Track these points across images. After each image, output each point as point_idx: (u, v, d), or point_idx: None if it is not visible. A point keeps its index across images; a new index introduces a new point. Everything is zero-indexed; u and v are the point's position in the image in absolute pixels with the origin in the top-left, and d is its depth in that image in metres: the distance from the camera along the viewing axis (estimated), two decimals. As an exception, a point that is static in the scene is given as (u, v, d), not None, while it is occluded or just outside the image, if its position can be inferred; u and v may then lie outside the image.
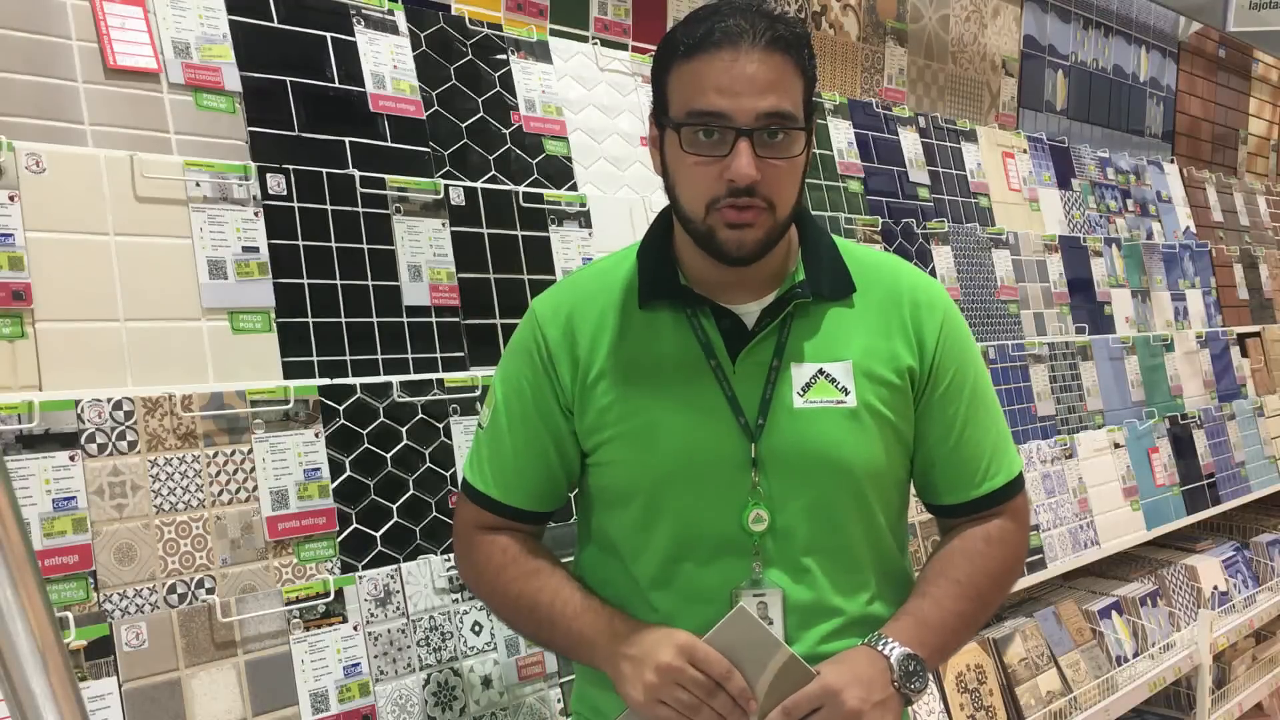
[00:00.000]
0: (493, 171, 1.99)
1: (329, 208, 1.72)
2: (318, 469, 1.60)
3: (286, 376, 1.63)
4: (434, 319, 1.82)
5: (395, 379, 1.71)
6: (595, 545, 1.42)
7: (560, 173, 2.10)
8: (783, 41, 1.22)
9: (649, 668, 1.22)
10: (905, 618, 1.33)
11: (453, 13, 2.05)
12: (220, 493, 1.51)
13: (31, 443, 1.36)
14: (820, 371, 1.31)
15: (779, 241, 1.30)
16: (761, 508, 1.29)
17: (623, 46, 2.42)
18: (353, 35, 1.86)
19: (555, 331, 1.36)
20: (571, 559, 1.49)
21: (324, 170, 1.73)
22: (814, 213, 2.02)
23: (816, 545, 1.31)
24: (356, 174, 1.76)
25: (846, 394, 1.31)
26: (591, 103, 2.19)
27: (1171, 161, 4.19)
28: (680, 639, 1.23)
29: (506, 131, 2.03)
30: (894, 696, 1.25)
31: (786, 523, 1.30)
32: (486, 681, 1.69)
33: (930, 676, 1.29)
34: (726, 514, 1.30)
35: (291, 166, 1.69)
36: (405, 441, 1.71)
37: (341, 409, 1.64)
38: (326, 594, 1.56)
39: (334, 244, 1.72)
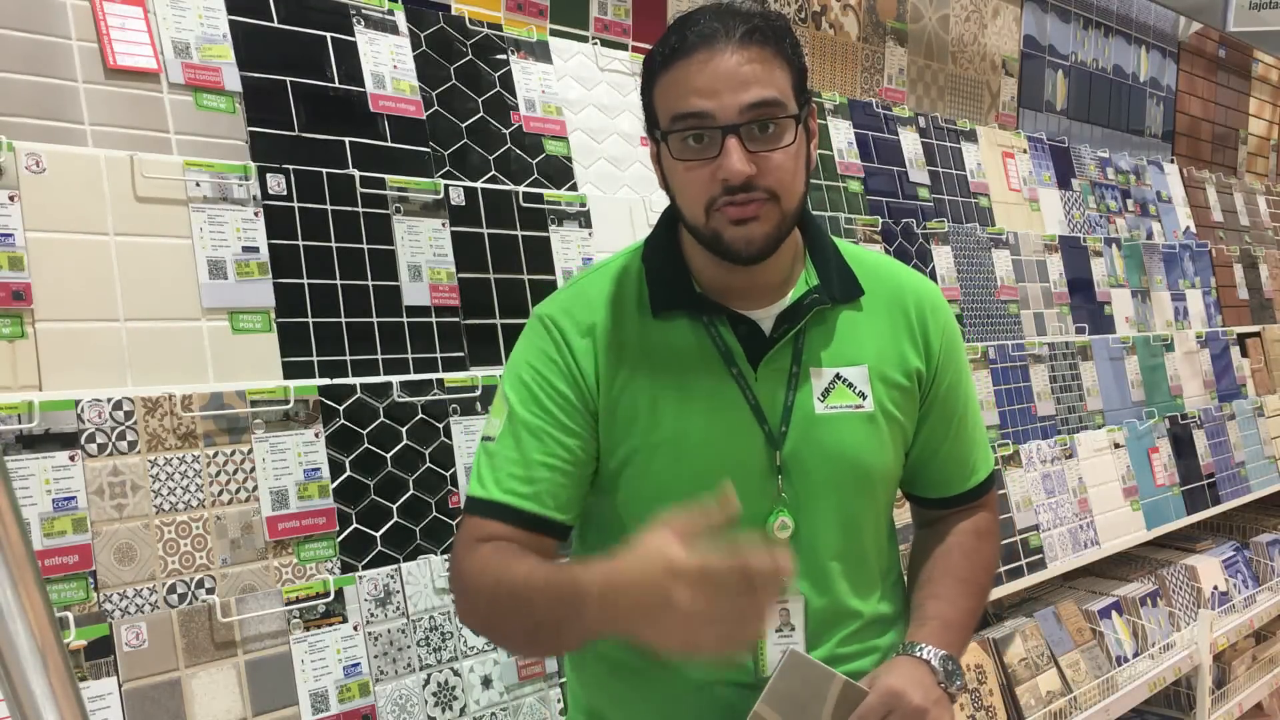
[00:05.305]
0: (493, 171, 1.99)
1: (329, 208, 1.72)
2: (318, 469, 1.60)
3: (286, 376, 1.63)
4: (434, 319, 1.82)
5: (395, 379, 1.71)
6: None
7: (560, 173, 2.10)
8: (759, 33, 1.19)
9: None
10: (930, 622, 1.33)
11: (453, 13, 2.05)
12: (220, 493, 1.51)
13: (31, 443, 1.36)
14: (838, 376, 1.31)
15: (788, 235, 1.28)
16: (786, 514, 1.28)
17: (623, 46, 2.42)
18: (353, 35, 1.86)
19: (576, 338, 1.29)
20: None
21: (324, 170, 1.73)
22: (814, 213, 2.02)
23: (838, 550, 1.31)
24: (356, 174, 1.76)
25: (864, 398, 1.31)
26: (591, 103, 2.19)
27: (1171, 161, 4.19)
28: (669, 552, 1.01)
29: (506, 131, 2.03)
30: (944, 697, 1.26)
31: (810, 528, 1.29)
32: (486, 681, 1.69)
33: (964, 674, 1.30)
34: (751, 522, 1.27)
35: (291, 166, 1.69)
36: (405, 441, 1.71)
37: (341, 409, 1.64)
38: (326, 594, 1.56)
39: (334, 244, 1.72)
